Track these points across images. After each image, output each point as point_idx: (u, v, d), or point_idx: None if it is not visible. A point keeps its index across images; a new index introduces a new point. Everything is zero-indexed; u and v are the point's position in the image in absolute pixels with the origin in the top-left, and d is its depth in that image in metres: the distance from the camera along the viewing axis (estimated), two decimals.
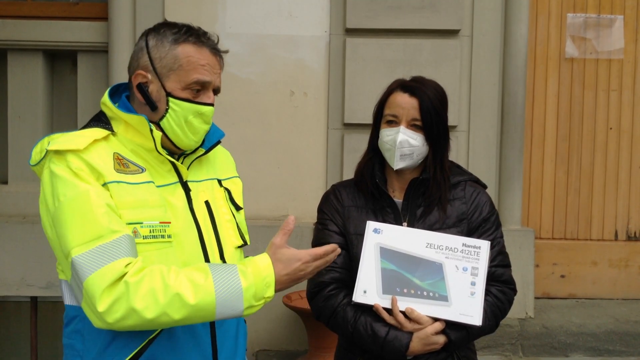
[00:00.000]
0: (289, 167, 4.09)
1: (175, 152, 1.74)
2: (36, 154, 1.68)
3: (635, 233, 4.44)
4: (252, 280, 1.54)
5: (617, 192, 4.42)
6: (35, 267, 3.87)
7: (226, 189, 1.86)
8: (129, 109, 1.70)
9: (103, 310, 1.46)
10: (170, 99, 1.65)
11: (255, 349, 3.97)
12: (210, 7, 4.01)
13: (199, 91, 1.68)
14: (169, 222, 1.63)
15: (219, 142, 1.85)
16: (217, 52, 1.72)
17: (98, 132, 1.65)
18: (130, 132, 1.68)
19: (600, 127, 4.40)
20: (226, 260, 1.76)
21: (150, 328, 1.53)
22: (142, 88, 1.67)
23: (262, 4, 4.01)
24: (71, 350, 1.67)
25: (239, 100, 4.00)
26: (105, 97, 1.71)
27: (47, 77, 4.22)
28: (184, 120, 1.66)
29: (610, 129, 4.40)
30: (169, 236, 1.63)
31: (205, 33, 1.72)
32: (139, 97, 1.68)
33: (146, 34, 1.72)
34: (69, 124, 4.23)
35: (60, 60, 4.26)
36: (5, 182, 4.17)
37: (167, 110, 1.66)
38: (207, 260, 1.71)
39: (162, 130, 1.68)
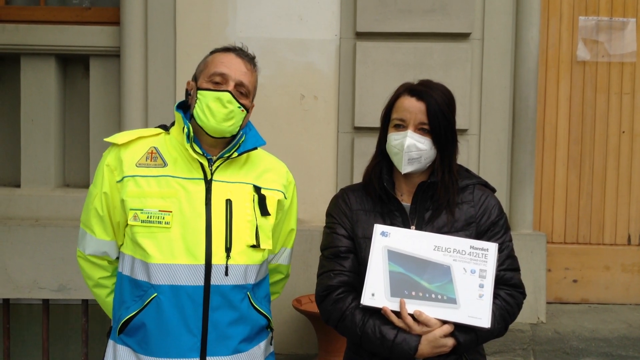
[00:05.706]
0: (298, 170, 4.06)
1: (213, 145, 2.06)
2: None
3: None
4: None
5: (629, 196, 4.38)
6: (47, 270, 3.89)
7: (262, 195, 2.09)
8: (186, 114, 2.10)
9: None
10: (198, 91, 2.04)
11: None
12: (221, 11, 4.02)
13: (220, 84, 2.02)
14: (170, 211, 1.97)
15: (254, 149, 2.13)
16: (242, 56, 2.08)
17: (151, 131, 2.12)
18: (180, 133, 2.05)
19: (613, 131, 4.37)
20: (231, 255, 1.98)
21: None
22: (187, 92, 2.13)
23: (273, 7, 4.02)
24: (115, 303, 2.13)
25: None
26: (175, 104, 2.13)
27: (60, 81, 4.25)
28: (206, 105, 2.00)
29: (623, 132, 4.37)
30: (167, 223, 1.96)
31: (240, 48, 2.11)
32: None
33: None
34: (81, 128, 4.27)
35: (73, 64, 4.30)
36: (18, 186, 4.20)
37: (196, 101, 2.03)
38: (208, 248, 1.95)
39: (195, 121, 2.02)
